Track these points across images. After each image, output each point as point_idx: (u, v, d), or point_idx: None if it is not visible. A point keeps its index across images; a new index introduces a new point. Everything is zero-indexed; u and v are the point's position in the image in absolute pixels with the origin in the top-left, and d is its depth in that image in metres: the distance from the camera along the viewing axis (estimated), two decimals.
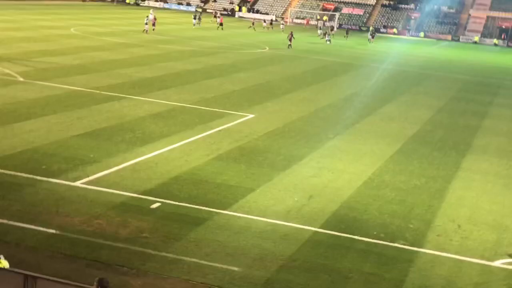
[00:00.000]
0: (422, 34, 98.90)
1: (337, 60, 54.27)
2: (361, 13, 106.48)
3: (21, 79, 30.86)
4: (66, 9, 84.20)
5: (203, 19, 76.92)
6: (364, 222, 16.42)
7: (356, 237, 15.40)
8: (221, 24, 74.04)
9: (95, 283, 9.46)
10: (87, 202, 15.91)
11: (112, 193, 16.64)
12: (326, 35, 70.82)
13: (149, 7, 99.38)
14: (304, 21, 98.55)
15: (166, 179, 18.08)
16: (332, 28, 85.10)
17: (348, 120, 28.86)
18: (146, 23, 61.05)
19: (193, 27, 70.55)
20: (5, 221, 14.40)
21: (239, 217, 15.94)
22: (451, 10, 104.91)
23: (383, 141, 25.27)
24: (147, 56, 43.67)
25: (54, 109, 25.22)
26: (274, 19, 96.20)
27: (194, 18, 73.76)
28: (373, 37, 77.29)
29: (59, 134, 21.75)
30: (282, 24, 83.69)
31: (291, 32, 62.56)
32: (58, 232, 14.11)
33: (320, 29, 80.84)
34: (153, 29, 60.95)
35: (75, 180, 17.28)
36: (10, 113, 23.90)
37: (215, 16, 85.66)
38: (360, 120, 29.12)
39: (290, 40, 59.84)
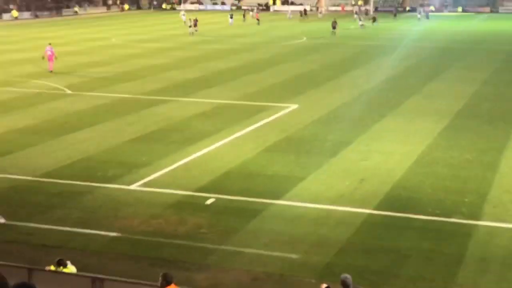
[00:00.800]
0: (460, 9, 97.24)
1: (375, 43, 53.89)
2: None
3: (69, 91, 31.68)
4: (105, 20, 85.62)
5: (236, 17, 77.06)
6: (418, 200, 16.46)
7: (411, 215, 15.46)
8: (257, 20, 74.44)
9: (160, 278, 9.81)
10: (144, 204, 16.37)
11: (168, 193, 17.06)
12: (359, 20, 70.33)
13: (185, 11, 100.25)
14: (340, 8, 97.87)
15: (218, 175, 18.42)
16: (366, 12, 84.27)
17: (392, 101, 28.76)
18: (190, 26, 62.01)
19: (230, 25, 70.18)
20: (68, 228, 14.95)
21: (293, 205, 16.17)
22: None
23: (430, 119, 25.14)
24: (188, 58, 44.21)
25: (104, 117, 25.86)
26: (308, 8, 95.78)
27: (231, 17, 72.99)
28: (374, 21, 73.39)
29: (111, 141, 22.32)
30: (320, 12, 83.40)
31: (335, 19, 63.02)
32: (119, 234, 14.59)
33: (356, 13, 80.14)
34: (195, 31, 61.42)
35: (130, 183, 17.77)
36: (62, 125, 24.62)
37: (250, 10, 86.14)
38: (404, 100, 28.99)
39: (334, 27, 60.74)
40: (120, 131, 23.69)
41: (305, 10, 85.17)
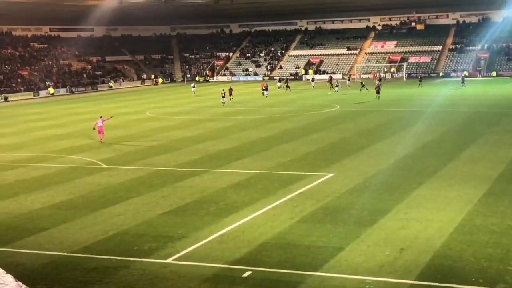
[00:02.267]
0: (494, 73, 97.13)
1: (409, 109, 53.77)
2: (429, 60, 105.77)
3: (105, 165, 31.98)
4: (140, 94, 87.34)
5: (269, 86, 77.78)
6: (460, 269, 15.95)
7: (454, 285, 14.95)
8: (287, 87, 76.18)
9: None
10: (180, 278, 16.13)
11: (204, 266, 16.83)
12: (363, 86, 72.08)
13: (218, 82, 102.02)
14: (371, 75, 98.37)
15: (254, 247, 18.16)
16: (380, 79, 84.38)
17: (429, 167, 28.38)
18: (223, 96, 62.92)
19: (264, 96, 70.05)
20: None
21: (332, 277, 15.78)
22: None
23: (469, 185, 24.68)
24: (221, 129, 44.55)
25: (139, 190, 25.93)
26: (340, 77, 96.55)
27: (265, 90, 70.51)
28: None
29: (147, 214, 22.29)
30: (349, 81, 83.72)
31: (378, 84, 66.40)
32: None
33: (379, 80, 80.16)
34: (230, 99, 62.67)
35: (166, 257, 17.59)
36: (98, 200, 24.73)
37: (278, 81, 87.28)
38: (442, 166, 28.59)
39: (377, 92, 63.50)
40: (155, 204, 23.68)
41: (331, 78, 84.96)
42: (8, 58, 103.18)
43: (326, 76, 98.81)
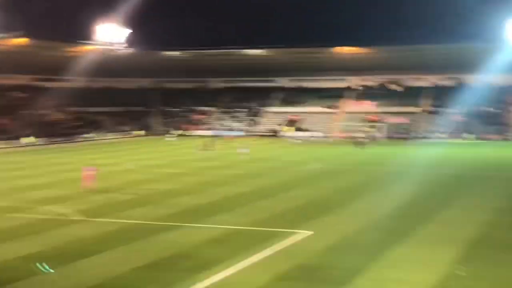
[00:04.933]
0: (471, 135, 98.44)
1: (388, 169, 54.10)
2: (407, 121, 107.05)
3: (79, 217, 31.51)
4: (119, 146, 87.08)
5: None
6: None
7: None
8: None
9: None
10: None
11: None
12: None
13: (196, 136, 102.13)
14: (343, 135, 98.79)
15: None
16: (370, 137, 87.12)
17: (406, 228, 28.32)
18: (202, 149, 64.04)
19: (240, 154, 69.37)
20: None
21: None
22: (497, 110, 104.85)
23: (444, 247, 24.62)
24: (200, 183, 44.32)
25: (112, 244, 25.48)
26: (321, 135, 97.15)
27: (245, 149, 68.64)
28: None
29: (119, 268, 21.83)
30: (299, 139, 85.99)
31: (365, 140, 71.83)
32: None
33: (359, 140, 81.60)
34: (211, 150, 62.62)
35: None
36: (70, 252, 24.21)
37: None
38: (418, 227, 28.56)
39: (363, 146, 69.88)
40: (128, 258, 23.24)
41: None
42: None
43: (307, 134, 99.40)
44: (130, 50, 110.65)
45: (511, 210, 33.14)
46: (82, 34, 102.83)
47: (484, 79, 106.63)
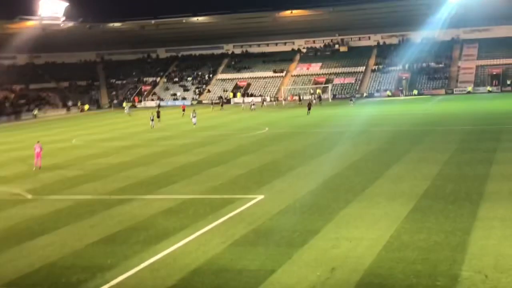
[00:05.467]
0: (415, 91, 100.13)
1: (336, 130, 54.73)
2: (353, 81, 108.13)
3: (30, 196, 31.11)
4: (66, 121, 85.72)
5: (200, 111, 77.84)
6: (390, 286, 16.19)
7: None
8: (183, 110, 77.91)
9: None
10: None
11: None
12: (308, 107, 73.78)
13: (146, 108, 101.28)
14: (289, 98, 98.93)
15: (186, 273, 17.95)
16: (317, 99, 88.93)
17: (357, 186, 28.86)
18: (152, 120, 64.53)
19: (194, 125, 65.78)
20: None
21: None
22: (440, 65, 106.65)
23: (395, 202, 25.20)
24: (151, 154, 44.11)
25: (66, 221, 25.28)
26: (268, 99, 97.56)
27: (194, 117, 66.32)
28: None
29: (74, 245, 21.73)
30: (253, 104, 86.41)
31: (309, 102, 73.20)
32: None
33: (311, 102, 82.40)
34: (158, 122, 62.00)
35: None
36: (23, 232, 23.96)
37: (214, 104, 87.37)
38: (369, 185, 29.12)
39: (309, 108, 71.78)
40: (83, 234, 23.12)
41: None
42: None
43: (256, 98, 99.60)
44: (72, 24, 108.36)
45: (457, 162, 33.97)
46: (22, 10, 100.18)
47: (427, 35, 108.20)
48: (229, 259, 19.07)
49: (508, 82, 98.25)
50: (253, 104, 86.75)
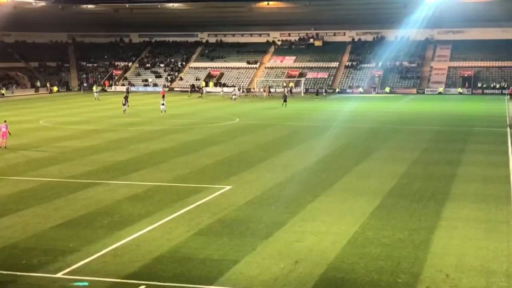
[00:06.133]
0: (387, 89, 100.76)
1: (307, 124, 54.85)
2: (326, 76, 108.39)
3: None
4: (34, 102, 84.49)
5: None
6: (352, 282, 16.26)
7: None
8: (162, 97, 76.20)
9: None
10: None
11: (96, 281, 16.31)
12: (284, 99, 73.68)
13: (116, 92, 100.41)
14: (264, 91, 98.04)
15: (149, 260, 17.81)
16: (289, 92, 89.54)
17: (325, 181, 28.95)
18: (124, 104, 64.70)
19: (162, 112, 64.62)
20: None
21: None
22: (413, 65, 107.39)
23: (362, 199, 25.33)
24: (118, 140, 43.71)
25: (29, 202, 24.92)
26: (240, 91, 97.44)
27: (163, 104, 64.66)
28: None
29: (37, 227, 21.43)
30: (234, 95, 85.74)
31: (284, 94, 76.11)
32: None
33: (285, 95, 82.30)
34: (127, 107, 61.48)
35: (56, 271, 16.93)
36: None
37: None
38: (337, 180, 29.22)
39: (285, 100, 72.71)
40: (46, 216, 22.81)
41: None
42: None
43: (228, 89, 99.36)
44: (44, 3, 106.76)
45: (424, 162, 34.27)
46: None
47: (402, 34, 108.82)
48: (193, 248, 18.98)
49: (479, 85, 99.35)
50: (234, 95, 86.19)
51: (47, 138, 44.55)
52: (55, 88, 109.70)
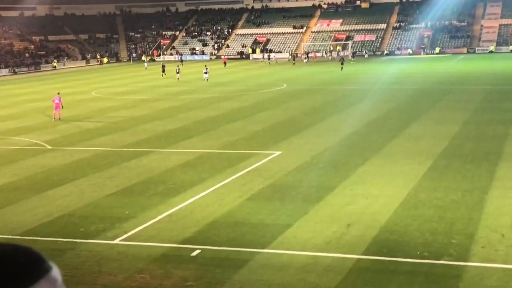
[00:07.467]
0: (437, 50, 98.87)
1: (355, 87, 54.37)
2: (373, 39, 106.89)
3: (49, 147, 31.39)
4: (85, 74, 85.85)
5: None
6: (406, 243, 16.24)
7: (400, 259, 15.22)
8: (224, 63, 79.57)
9: None
10: (128, 259, 15.98)
11: (152, 246, 16.71)
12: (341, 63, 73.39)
13: (163, 62, 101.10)
14: (312, 55, 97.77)
15: (202, 226, 18.12)
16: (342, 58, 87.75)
17: (375, 144, 28.77)
18: (178, 72, 66.29)
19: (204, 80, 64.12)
20: None
21: (280, 254, 15.88)
22: (463, 24, 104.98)
23: (413, 161, 25.12)
24: (169, 109, 44.19)
25: (84, 172, 25.54)
26: (287, 56, 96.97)
27: (206, 73, 64.68)
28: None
29: (93, 195, 21.98)
30: (305, 58, 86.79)
31: (342, 57, 77.13)
32: None
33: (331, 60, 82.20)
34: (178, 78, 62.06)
35: (113, 238, 17.40)
36: (42, 181, 24.25)
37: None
38: (387, 143, 29.02)
39: (342, 63, 73.43)
40: (102, 185, 23.36)
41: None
42: None
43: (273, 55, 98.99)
44: None
45: (476, 122, 33.71)
46: None
47: None
48: (246, 213, 19.20)
49: None
50: (306, 58, 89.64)
51: (100, 109, 45.34)
52: (105, 60, 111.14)
